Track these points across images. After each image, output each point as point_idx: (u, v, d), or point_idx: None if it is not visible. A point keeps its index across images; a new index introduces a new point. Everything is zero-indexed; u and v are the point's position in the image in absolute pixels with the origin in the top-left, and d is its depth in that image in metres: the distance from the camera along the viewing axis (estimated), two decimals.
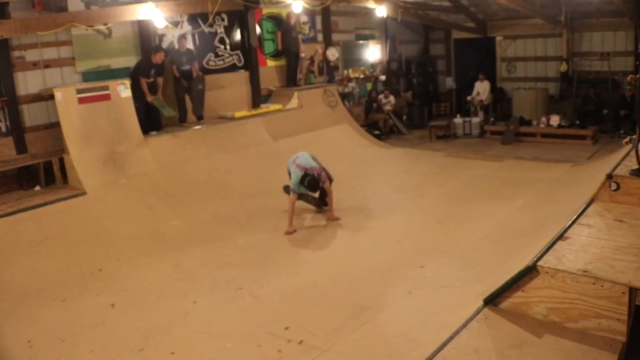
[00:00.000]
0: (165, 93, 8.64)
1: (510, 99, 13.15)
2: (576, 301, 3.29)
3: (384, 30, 13.37)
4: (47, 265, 5.53)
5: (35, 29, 6.88)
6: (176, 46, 8.84)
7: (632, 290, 3.11)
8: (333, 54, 11.77)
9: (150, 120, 8.12)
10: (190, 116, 9.02)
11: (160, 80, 8.31)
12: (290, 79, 10.90)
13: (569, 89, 12.37)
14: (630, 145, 5.06)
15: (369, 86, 13.15)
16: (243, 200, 7.61)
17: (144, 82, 7.93)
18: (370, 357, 3.74)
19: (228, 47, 9.94)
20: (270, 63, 10.87)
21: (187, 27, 9.14)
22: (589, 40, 12.29)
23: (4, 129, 7.05)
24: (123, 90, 7.47)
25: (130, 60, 8.22)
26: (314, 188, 6.58)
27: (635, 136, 4.72)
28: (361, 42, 13.15)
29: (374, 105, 12.43)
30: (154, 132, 8.08)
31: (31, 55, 7.21)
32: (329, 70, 11.88)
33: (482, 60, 14.05)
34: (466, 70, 14.18)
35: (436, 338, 3.40)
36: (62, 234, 6.05)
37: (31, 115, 7.28)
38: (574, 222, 4.23)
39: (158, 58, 8.01)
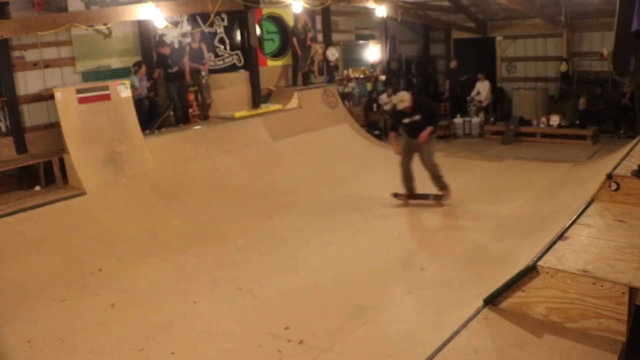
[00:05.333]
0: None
1: (510, 99, 13.15)
2: (576, 301, 3.29)
3: (384, 30, 13.37)
4: (47, 265, 5.53)
5: (35, 29, 6.89)
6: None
7: (632, 290, 3.11)
8: (333, 54, 11.76)
9: (150, 119, 8.11)
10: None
11: None
12: (295, 79, 10.93)
13: (569, 89, 12.38)
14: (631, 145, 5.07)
15: (369, 86, 13.15)
16: (243, 200, 7.61)
17: None
18: (370, 357, 3.74)
19: (228, 47, 9.94)
20: (270, 63, 10.87)
21: (187, 27, 9.15)
22: (589, 40, 12.29)
23: (4, 129, 7.06)
24: (123, 90, 7.47)
25: (130, 60, 8.20)
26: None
27: None
28: (361, 42, 13.15)
29: (374, 105, 12.43)
30: (146, 132, 7.96)
31: (31, 55, 7.22)
32: (329, 70, 11.88)
33: (483, 60, 14.03)
34: (466, 70, 14.16)
35: (436, 338, 3.40)
36: (62, 234, 6.05)
37: (31, 115, 7.29)
38: (574, 222, 4.23)
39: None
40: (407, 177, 7.14)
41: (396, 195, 7.25)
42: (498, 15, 13.26)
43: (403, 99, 6.83)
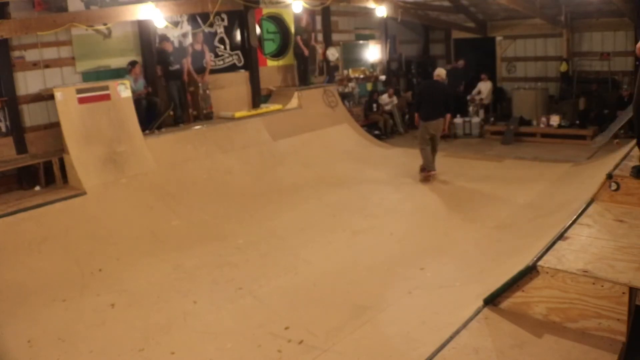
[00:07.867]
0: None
1: (510, 99, 13.15)
2: (576, 301, 3.29)
3: (384, 30, 13.37)
4: (47, 265, 5.53)
5: (35, 29, 6.89)
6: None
7: (632, 290, 3.11)
8: (333, 54, 11.76)
9: (149, 119, 8.11)
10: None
11: None
12: (303, 79, 10.94)
13: (569, 89, 12.37)
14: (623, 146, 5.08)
15: (369, 86, 13.15)
16: (243, 200, 7.60)
17: None
18: (370, 357, 3.74)
19: (228, 47, 9.94)
20: (270, 63, 10.87)
21: (187, 27, 9.14)
22: (589, 40, 12.29)
23: (4, 129, 7.05)
24: (123, 90, 7.47)
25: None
26: None
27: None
28: (361, 42, 13.15)
29: (374, 105, 12.43)
30: (146, 132, 7.95)
31: (31, 55, 7.21)
32: (329, 70, 11.88)
33: (483, 60, 14.02)
34: (466, 70, 14.16)
35: (436, 338, 3.40)
36: (62, 234, 6.05)
37: (31, 115, 7.29)
38: (574, 222, 4.23)
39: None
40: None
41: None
42: (498, 15, 13.25)
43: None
